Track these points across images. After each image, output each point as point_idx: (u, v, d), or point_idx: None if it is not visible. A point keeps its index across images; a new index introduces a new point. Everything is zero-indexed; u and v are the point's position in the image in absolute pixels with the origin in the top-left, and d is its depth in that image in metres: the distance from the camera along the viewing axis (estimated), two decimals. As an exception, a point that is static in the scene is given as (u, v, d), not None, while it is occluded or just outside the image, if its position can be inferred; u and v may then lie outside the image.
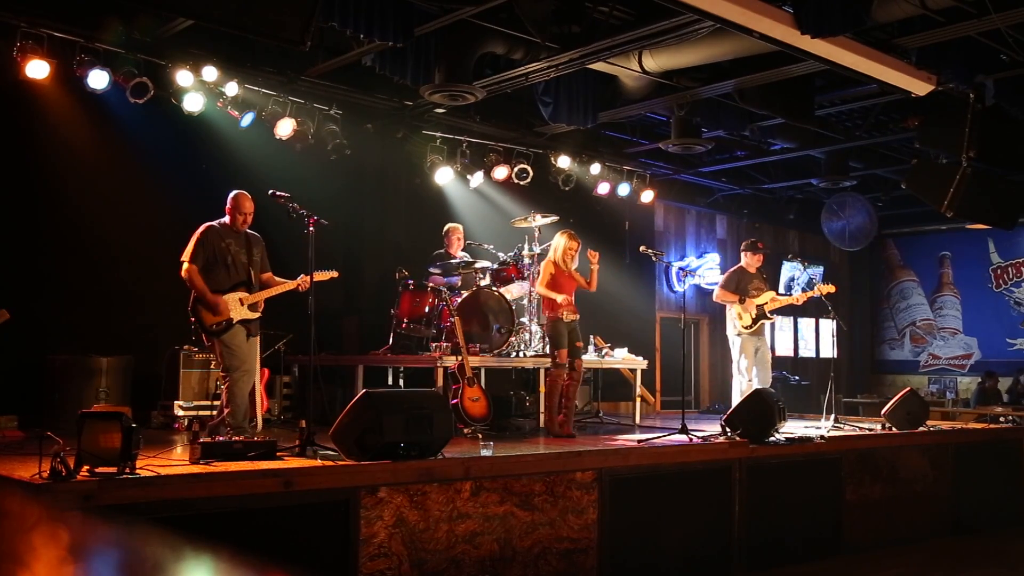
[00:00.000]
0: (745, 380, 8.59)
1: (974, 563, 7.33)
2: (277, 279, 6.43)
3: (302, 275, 6.28)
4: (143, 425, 6.61)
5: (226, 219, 6.32)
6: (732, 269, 9.01)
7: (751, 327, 8.58)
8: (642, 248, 8.33)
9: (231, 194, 6.32)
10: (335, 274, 6.53)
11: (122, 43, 7.36)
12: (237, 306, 6.20)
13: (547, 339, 7.80)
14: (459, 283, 8.71)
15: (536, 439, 7.37)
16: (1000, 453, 8.95)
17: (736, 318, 8.63)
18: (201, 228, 6.27)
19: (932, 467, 8.19)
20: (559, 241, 7.51)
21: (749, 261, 8.81)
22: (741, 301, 8.59)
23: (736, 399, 8.25)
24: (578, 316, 7.47)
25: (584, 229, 8.21)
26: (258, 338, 6.45)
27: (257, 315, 6.29)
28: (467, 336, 7.61)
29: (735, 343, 8.67)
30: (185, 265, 6.17)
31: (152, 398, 7.91)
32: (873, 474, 7.65)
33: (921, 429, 8.24)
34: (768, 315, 8.66)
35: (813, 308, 14.26)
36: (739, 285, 8.67)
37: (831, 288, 8.77)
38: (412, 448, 5.25)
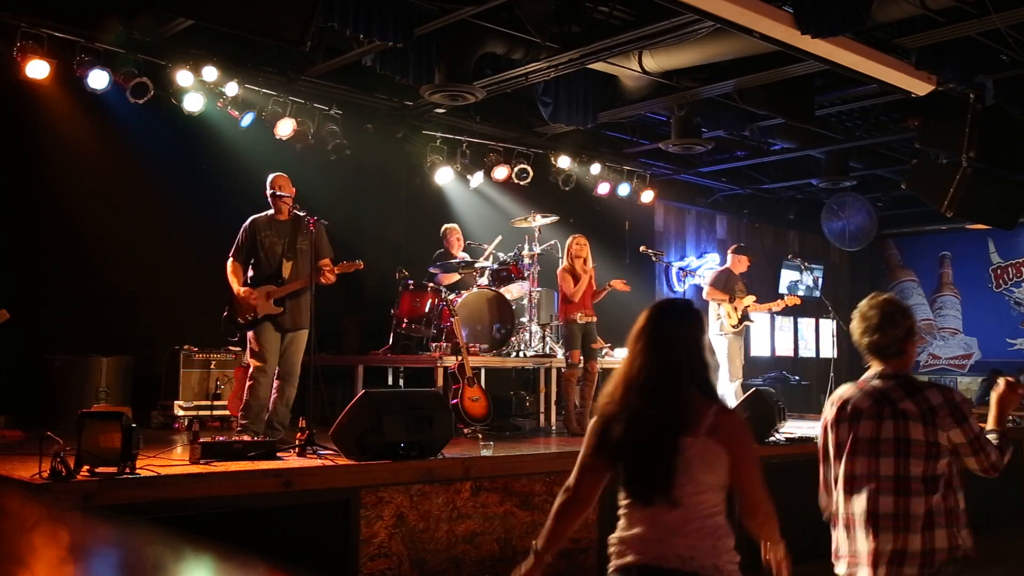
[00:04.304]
0: (738, 381, 8.68)
1: (974, 563, 7.32)
2: (333, 266, 6.35)
3: (331, 264, 6.34)
4: (143, 425, 6.60)
5: (270, 209, 6.42)
6: (720, 269, 9.25)
7: (737, 327, 8.75)
8: (642, 248, 8.39)
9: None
10: (360, 265, 6.52)
11: (122, 43, 7.35)
12: (263, 300, 6.19)
13: (562, 340, 7.98)
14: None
15: (536, 439, 7.37)
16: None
17: (725, 317, 8.79)
18: (247, 221, 6.41)
19: (932, 467, 8.20)
20: (566, 244, 7.87)
21: (736, 264, 9.03)
22: (731, 300, 8.77)
23: (731, 400, 8.27)
24: (594, 318, 7.66)
25: (584, 229, 8.22)
26: (302, 335, 6.29)
27: (279, 310, 6.22)
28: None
29: (722, 343, 8.79)
30: (228, 260, 6.36)
31: (152, 398, 7.90)
32: (873, 474, 7.65)
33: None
34: (750, 318, 8.86)
35: (813, 308, 14.26)
36: (727, 285, 8.89)
37: (797, 300, 9.39)
38: (412, 448, 5.26)
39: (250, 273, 6.36)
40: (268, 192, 6.41)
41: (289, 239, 6.32)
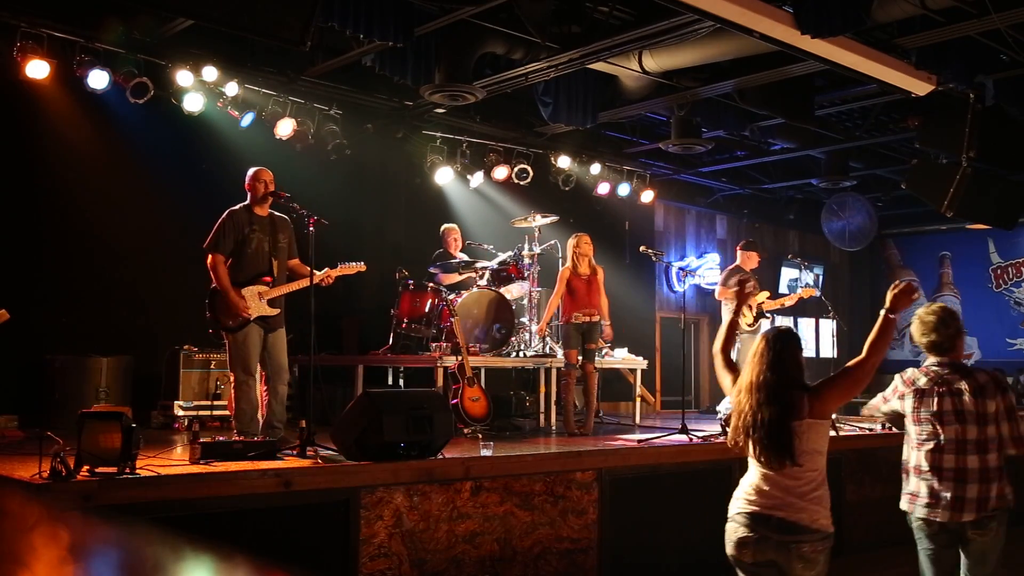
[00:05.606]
0: None
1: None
2: (304, 267, 6.11)
3: (327, 268, 6.15)
4: (143, 425, 6.60)
5: (247, 200, 6.09)
6: (730, 268, 9.11)
7: (753, 325, 8.64)
8: (642, 248, 8.36)
9: (249, 171, 6.17)
10: (362, 267, 6.41)
11: (122, 43, 7.35)
12: (255, 301, 5.93)
13: (561, 340, 7.99)
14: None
15: (536, 439, 7.37)
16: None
17: (741, 316, 8.66)
18: (224, 213, 6.03)
19: (932, 467, 8.20)
20: (569, 243, 7.82)
21: (745, 260, 8.92)
22: None
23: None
24: (596, 318, 7.57)
25: (584, 229, 8.21)
26: (283, 332, 6.11)
27: (276, 311, 6.02)
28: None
29: (738, 342, 8.68)
30: (209, 255, 5.94)
31: (152, 398, 7.91)
32: (873, 474, 7.65)
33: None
34: (765, 314, 8.75)
35: (813, 308, 14.25)
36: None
37: (812, 291, 9.31)
38: (412, 448, 5.25)
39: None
40: (253, 185, 6.09)
41: (271, 236, 6.09)
